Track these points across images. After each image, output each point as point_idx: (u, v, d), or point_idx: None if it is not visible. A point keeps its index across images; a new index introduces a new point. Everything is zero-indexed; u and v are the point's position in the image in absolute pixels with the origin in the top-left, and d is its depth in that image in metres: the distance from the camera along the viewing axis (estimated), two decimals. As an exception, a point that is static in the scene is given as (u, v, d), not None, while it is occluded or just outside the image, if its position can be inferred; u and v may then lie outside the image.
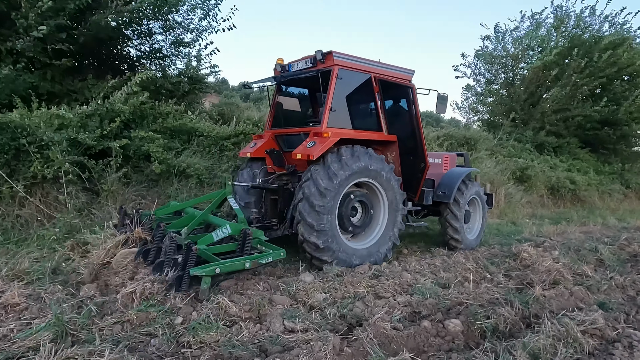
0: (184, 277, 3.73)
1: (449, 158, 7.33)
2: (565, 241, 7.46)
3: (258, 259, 4.13)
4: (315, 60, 5.33)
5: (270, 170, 6.13)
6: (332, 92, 5.19)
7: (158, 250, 4.32)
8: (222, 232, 4.40)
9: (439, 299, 3.99)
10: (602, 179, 16.91)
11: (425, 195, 6.41)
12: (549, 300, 4.13)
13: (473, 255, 5.89)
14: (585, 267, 5.41)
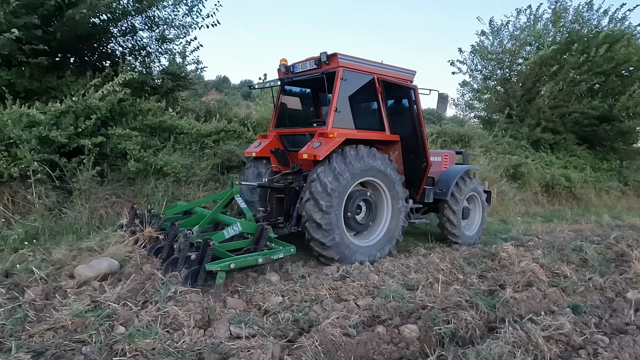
0: (200, 272, 3.87)
1: (448, 156, 7.45)
2: (553, 240, 7.27)
3: (270, 255, 4.31)
4: (319, 61, 5.47)
5: (275, 169, 6.25)
6: (337, 93, 5.32)
7: (170, 249, 4.42)
8: (233, 230, 4.60)
9: (402, 302, 3.82)
10: (599, 176, 16.65)
11: (427, 193, 6.56)
12: (518, 303, 3.95)
13: (451, 255, 5.72)
14: (565, 268, 5.22)
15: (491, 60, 18.94)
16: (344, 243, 5.21)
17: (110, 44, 9.93)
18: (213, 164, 7.85)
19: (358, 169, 5.28)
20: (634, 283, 4.96)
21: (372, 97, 5.90)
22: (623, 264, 5.90)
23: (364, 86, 5.75)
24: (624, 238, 7.57)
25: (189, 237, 4.27)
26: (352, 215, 5.48)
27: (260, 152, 6.22)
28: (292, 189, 5.75)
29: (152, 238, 4.81)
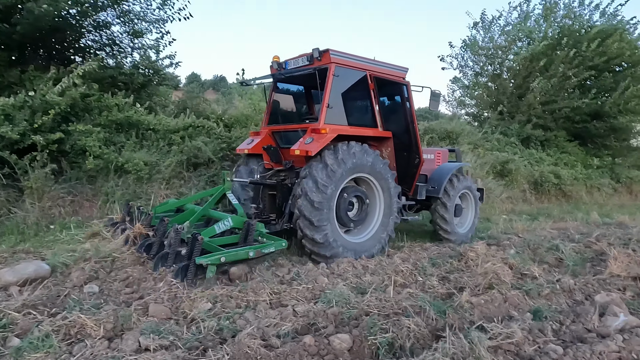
0: (190, 266, 3.90)
1: (441, 154, 7.48)
2: (531, 238, 6.94)
3: (261, 249, 4.38)
4: (312, 57, 5.44)
5: (268, 166, 6.26)
6: (329, 90, 5.30)
7: (161, 245, 4.47)
8: (224, 225, 4.66)
9: (347, 307, 3.50)
10: (591, 173, 16.33)
11: (419, 190, 6.56)
12: (474, 307, 3.64)
13: (417, 255, 5.41)
14: (535, 268, 4.91)
15: (482, 56, 18.61)
16: (335, 240, 5.19)
17: (83, 39, 9.66)
18: (178, 160, 7.50)
19: (350, 166, 5.25)
20: (607, 284, 4.65)
21: (365, 93, 5.85)
22: (600, 264, 5.59)
23: (356, 82, 5.73)
24: (606, 236, 7.26)
25: (180, 232, 4.29)
26: (344, 212, 5.45)
27: (252, 150, 6.16)
28: (285, 185, 5.73)
29: (141, 234, 4.88)
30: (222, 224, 4.66)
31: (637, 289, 4.65)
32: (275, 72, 6.05)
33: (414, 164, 6.36)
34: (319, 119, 5.31)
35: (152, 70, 9.93)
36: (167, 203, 5.99)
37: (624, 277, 4.89)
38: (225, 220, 4.70)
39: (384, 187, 5.78)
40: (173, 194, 7.20)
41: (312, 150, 5.05)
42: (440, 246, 6.28)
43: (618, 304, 3.84)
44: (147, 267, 4.34)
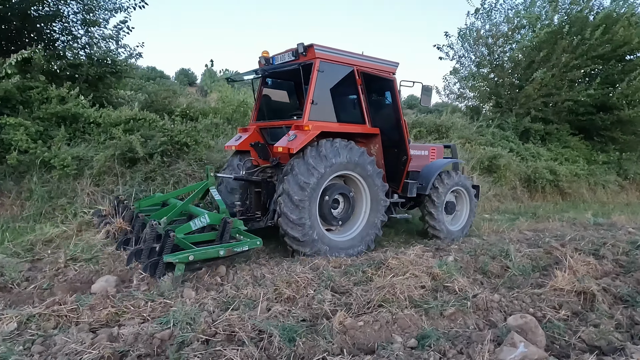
0: (159, 263, 3.86)
1: (435, 150, 7.36)
2: (492, 242, 6.22)
3: (233, 247, 4.25)
4: (297, 53, 5.32)
5: (255, 163, 6.20)
6: (314, 85, 5.19)
7: (138, 240, 4.45)
8: (201, 222, 4.60)
9: (187, 329, 2.92)
10: (595, 169, 15.24)
11: (410, 187, 6.37)
12: (346, 332, 3.02)
13: (333, 263, 4.78)
14: (462, 280, 4.22)
15: (481, 45, 17.59)
16: (318, 238, 5.14)
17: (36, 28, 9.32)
18: (110, 155, 7.03)
19: (333, 163, 5.15)
20: (541, 301, 3.94)
21: (352, 89, 5.71)
22: (551, 274, 4.85)
23: (343, 78, 5.58)
24: (580, 240, 6.49)
25: (155, 228, 4.24)
26: (328, 210, 5.39)
27: (240, 146, 6.14)
28: (270, 182, 5.70)
29: (121, 229, 4.94)
30: (198, 220, 4.61)
31: (577, 306, 3.93)
32: (261, 67, 5.90)
33: (402, 160, 6.21)
34: (303, 116, 5.20)
35: (110, 62, 9.51)
36: (153, 197, 5.92)
37: (567, 292, 4.16)
38: (202, 217, 4.65)
39: (370, 185, 5.65)
40: (101, 190, 6.74)
41: (294, 147, 4.96)
42: (380, 250, 5.64)
43: (528, 329, 3.15)
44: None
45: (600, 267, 5.23)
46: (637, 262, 5.49)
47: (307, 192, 4.98)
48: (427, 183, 6.50)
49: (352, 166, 5.40)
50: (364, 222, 5.72)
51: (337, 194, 5.52)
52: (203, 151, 7.77)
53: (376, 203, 5.74)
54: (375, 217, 5.74)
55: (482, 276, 4.75)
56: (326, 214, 5.39)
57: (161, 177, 7.23)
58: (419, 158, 6.94)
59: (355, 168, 5.46)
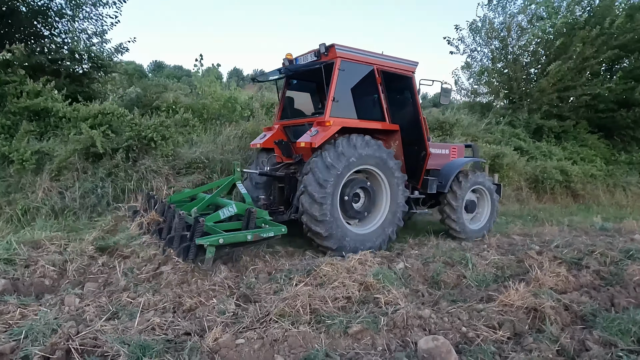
0: (191, 246, 4.10)
1: (456, 149, 7.40)
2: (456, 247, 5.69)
3: (260, 233, 4.45)
4: (319, 53, 5.50)
5: (279, 160, 6.43)
6: (335, 84, 5.39)
7: (170, 229, 4.69)
8: (229, 211, 4.86)
9: (41, 341, 2.61)
10: (614, 170, 14.17)
11: (430, 184, 6.50)
12: (218, 352, 2.63)
13: (266, 267, 4.39)
14: (395, 292, 3.75)
15: (494, 39, 16.70)
16: (341, 232, 5.26)
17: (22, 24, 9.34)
18: (72, 150, 6.85)
19: (351, 158, 5.28)
20: (479, 319, 3.42)
21: (372, 87, 5.85)
22: (510, 287, 4.29)
23: (363, 77, 5.75)
24: (562, 247, 5.85)
25: (184, 218, 4.52)
26: (349, 204, 5.54)
27: (264, 144, 6.40)
28: (293, 178, 5.93)
29: (154, 221, 5.19)
30: (226, 209, 4.85)
31: (523, 325, 3.39)
32: (285, 67, 6.06)
33: (421, 156, 6.35)
34: (325, 112, 5.39)
35: (93, 56, 9.43)
36: (182, 192, 6.23)
37: (516, 308, 3.61)
38: (230, 206, 4.90)
39: (389, 178, 5.76)
40: (58, 186, 6.58)
41: (315, 142, 5.16)
42: (282, 260, 5.13)
43: (438, 354, 2.67)
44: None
45: (575, 280, 4.63)
46: (621, 274, 4.83)
47: (327, 188, 5.12)
48: (446, 181, 6.53)
49: (371, 160, 5.51)
50: (385, 215, 5.81)
51: (357, 188, 5.65)
52: (170, 147, 7.49)
53: (396, 196, 5.83)
54: (395, 210, 5.83)
55: (429, 287, 4.24)
56: (347, 208, 5.52)
57: (124, 173, 7.01)
58: (440, 157, 6.99)
59: (374, 162, 5.56)
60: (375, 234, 5.69)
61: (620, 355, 2.99)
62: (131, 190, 6.95)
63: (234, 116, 10.92)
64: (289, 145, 6.27)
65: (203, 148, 8.02)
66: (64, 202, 6.35)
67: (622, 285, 4.52)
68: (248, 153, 9.23)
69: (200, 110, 10.80)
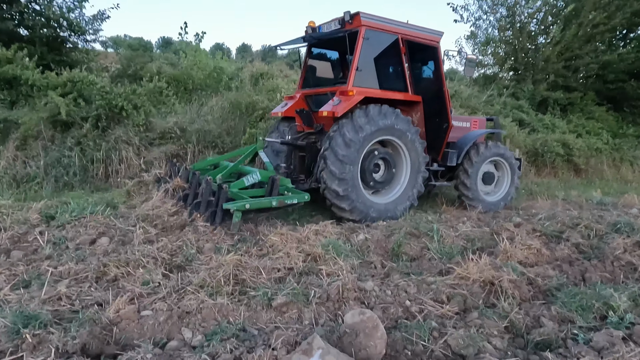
0: (217, 212, 4.29)
1: (477, 122, 7.32)
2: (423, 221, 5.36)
3: (285, 199, 4.60)
4: (343, 21, 5.41)
5: (300, 129, 6.38)
6: (359, 53, 5.32)
7: (195, 195, 4.86)
8: (252, 178, 5.01)
9: None
10: (622, 144, 13.54)
11: (450, 157, 6.44)
12: (119, 323, 2.39)
13: (217, 236, 4.14)
14: (342, 263, 3.46)
15: (500, 6, 15.84)
16: (357, 195, 5.27)
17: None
18: (36, 118, 6.63)
19: (379, 126, 5.30)
20: (428, 292, 3.13)
21: (396, 57, 5.75)
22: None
23: (388, 46, 5.66)
24: (545, 219, 5.49)
25: (210, 184, 4.62)
26: (370, 175, 5.56)
27: (285, 113, 6.34)
28: (314, 147, 5.89)
29: (179, 187, 5.28)
30: (250, 177, 4.99)
31: (477, 300, 3.09)
32: (307, 37, 6.00)
33: (443, 128, 6.24)
34: (348, 82, 5.32)
35: (67, 24, 9.11)
36: (205, 160, 6.32)
37: (472, 282, 3.31)
38: (254, 174, 5.03)
39: (412, 154, 5.74)
40: (24, 155, 6.39)
41: (338, 111, 5.12)
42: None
43: (363, 329, 2.40)
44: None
45: (549, 253, 4.30)
46: (602, 248, 4.48)
47: (352, 149, 5.14)
48: (460, 152, 6.46)
49: (397, 132, 5.51)
50: (402, 189, 5.81)
51: (379, 159, 5.66)
52: (141, 117, 7.21)
53: (416, 172, 5.84)
54: (413, 186, 5.84)
55: (387, 259, 3.96)
56: (367, 177, 5.53)
57: (93, 142, 6.78)
58: (460, 130, 6.86)
59: (400, 135, 5.55)
60: (391, 206, 5.67)
61: (575, 333, 2.69)
62: (100, 160, 6.73)
63: (220, 87, 10.58)
64: (310, 114, 6.31)
65: (178, 118, 7.72)
66: (26, 171, 6.14)
67: (600, 260, 4.18)
68: (230, 124, 8.95)
69: (185, 81, 10.49)
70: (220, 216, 4.28)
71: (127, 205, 5.25)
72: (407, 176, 5.84)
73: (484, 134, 7.06)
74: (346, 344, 2.38)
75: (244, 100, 9.11)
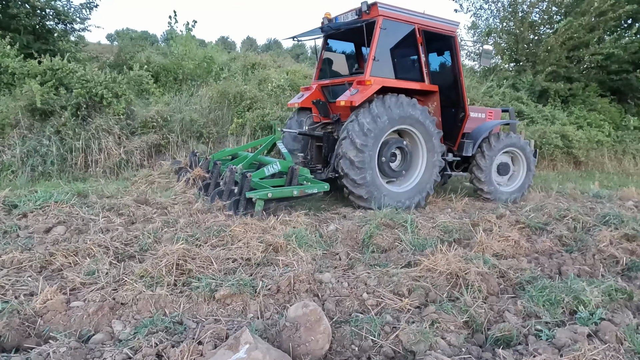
0: (240, 200, 4.38)
1: (493, 113, 7.32)
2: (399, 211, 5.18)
3: (305, 189, 4.72)
4: (360, 12, 5.43)
5: (316, 119, 6.44)
6: (376, 43, 5.34)
7: (216, 184, 5.05)
8: (273, 168, 5.08)
9: None
10: (624, 136, 13.21)
11: (465, 147, 6.42)
12: (44, 315, 2.25)
13: (182, 223, 3.99)
14: (303, 254, 3.30)
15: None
16: (374, 184, 5.31)
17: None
18: (12, 107, 6.50)
19: (396, 115, 5.32)
20: (388, 284, 2.95)
21: (413, 47, 5.78)
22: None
23: (405, 36, 5.67)
24: (531, 211, 5.29)
25: (234, 172, 4.78)
26: (386, 161, 5.57)
27: (302, 103, 6.38)
28: (331, 137, 5.88)
29: (200, 176, 5.40)
30: (270, 167, 5.06)
31: (442, 293, 2.92)
32: (325, 26, 5.97)
33: (459, 118, 6.22)
34: (365, 71, 5.35)
35: (53, 12, 8.98)
36: (224, 151, 6.40)
37: (438, 274, 3.13)
38: (274, 164, 5.11)
39: (428, 143, 5.74)
40: (0, 144, 6.27)
41: (356, 100, 5.15)
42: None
43: (304, 323, 2.23)
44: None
45: (529, 245, 4.10)
46: (586, 240, 4.27)
47: (370, 138, 5.15)
48: (475, 142, 6.44)
49: (414, 122, 5.51)
50: (419, 178, 5.81)
51: (395, 148, 5.66)
52: (122, 105, 7.06)
53: (432, 161, 5.82)
54: (429, 174, 5.84)
55: (355, 250, 3.79)
56: (384, 164, 5.54)
57: (72, 131, 6.65)
58: (477, 120, 6.86)
59: (416, 124, 5.55)
60: (406, 195, 5.68)
61: (539, 329, 2.50)
62: (79, 149, 6.60)
63: (210, 77, 10.42)
64: (327, 105, 6.36)
65: (160, 108, 7.56)
66: (1, 160, 6.03)
67: (582, 252, 3.98)
68: (217, 114, 8.79)
69: (175, 70, 10.34)
70: (243, 204, 4.35)
71: (100, 195, 5.09)
72: (423, 165, 5.85)
73: (498, 125, 7.03)
74: (285, 338, 2.22)
75: (231, 90, 8.93)
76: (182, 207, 4.64)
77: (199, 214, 4.39)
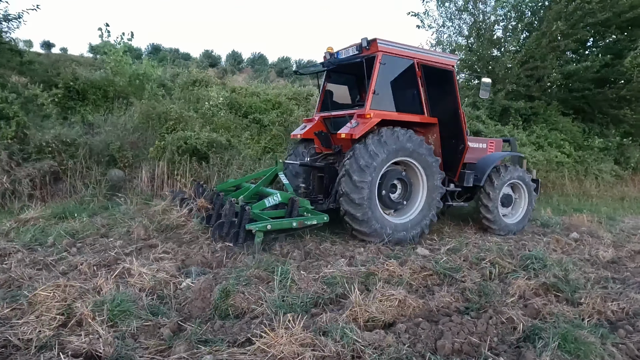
0: (240, 232, 4.43)
1: (494, 143, 7.39)
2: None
3: (304, 220, 4.76)
4: (361, 47, 5.58)
5: (318, 150, 6.57)
6: (376, 77, 5.46)
7: (218, 216, 4.98)
8: (273, 200, 5.12)
9: None
10: (586, 156, 12.83)
11: (466, 177, 6.45)
12: None
13: None
14: (100, 329, 2.59)
15: (464, 11, 15.14)
16: (376, 218, 5.32)
17: None
18: None
19: (393, 149, 5.37)
20: None
21: (412, 80, 5.85)
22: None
23: (404, 70, 5.79)
24: (448, 252, 4.65)
25: (234, 205, 4.80)
26: (386, 193, 5.60)
27: (305, 135, 6.49)
28: (332, 168, 5.96)
29: (203, 208, 5.45)
30: (271, 198, 5.09)
31: None
32: (327, 61, 6.13)
33: (459, 149, 6.30)
34: (365, 105, 5.45)
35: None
36: (227, 182, 6.49)
37: (272, 357, 2.44)
38: (275, 195, 5.15)
39: (427, 172, 5.77)
40: None
41: (356, 133, 5.25)
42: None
43: None
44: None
45: (421, 303, 3.42)
46: (492, 294, 3.66)
47: (367, 174, 5.19)
48: (482, 174, 6.46)
49: (410, 153, 5.54)
50: (420, 207, 5.82)
51: (395, 179, 5.70)
52: (12, 128, 6.32)
53: (432, 190, 5.83)
54: (430, 203, 5.83)
55: (200, 317, 3.08)
56: (384, 197, 5.55)
57: (-51, 159, 5.88)
58: (477, 150, 6.93)
59: (414, 155, 5.58)
60: (409, 225, 5.67)
61: None
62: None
63: (144, 95, 9.72)
64: (329, 136, 6.43)
65: (61, 130, 6.84)
66: None
67: (478, 315, 3.33)
68: (137, 136, 8.09)
69: (106, 87, 9.64)
70: (242, 236, 4.40)
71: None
72: (424, 194, 5.85)
73: (504, 157, 7.03)
74: None
75: (156, 110, 8.26)
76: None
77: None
